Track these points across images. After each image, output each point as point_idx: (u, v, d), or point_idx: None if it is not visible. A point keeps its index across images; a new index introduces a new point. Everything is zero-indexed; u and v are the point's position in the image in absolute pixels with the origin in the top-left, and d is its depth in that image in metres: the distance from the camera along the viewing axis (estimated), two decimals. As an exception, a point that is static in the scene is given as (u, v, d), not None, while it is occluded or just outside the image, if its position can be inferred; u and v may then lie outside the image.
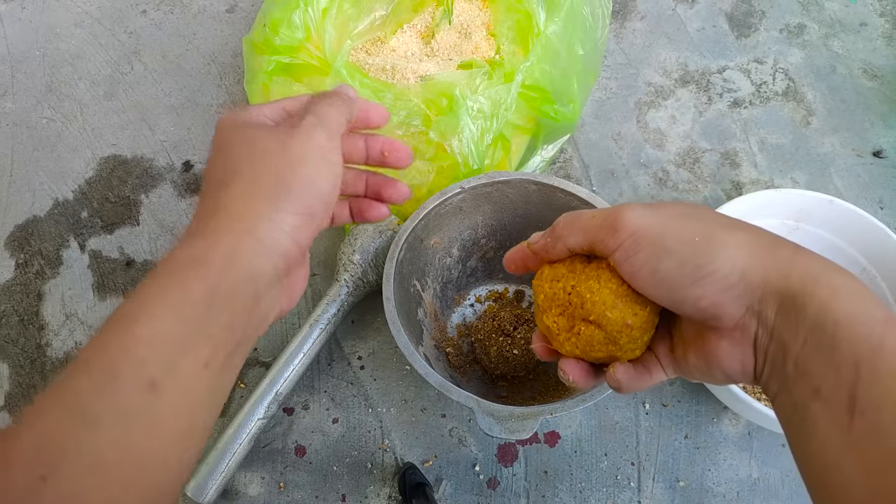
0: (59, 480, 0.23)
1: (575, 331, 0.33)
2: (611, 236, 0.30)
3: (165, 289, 0.28)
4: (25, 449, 0.24)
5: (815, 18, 0.84)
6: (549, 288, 0.34)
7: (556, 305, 0.34)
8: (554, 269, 0.34)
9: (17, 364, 0.63)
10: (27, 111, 0.77)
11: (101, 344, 0.26)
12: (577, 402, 0.46)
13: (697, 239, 0.28)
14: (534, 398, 0.57)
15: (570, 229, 0.32)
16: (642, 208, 0.30)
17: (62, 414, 0.25)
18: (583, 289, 0.32)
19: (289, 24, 0.61)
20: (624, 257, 0.30)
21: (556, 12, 0.63)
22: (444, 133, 0.59)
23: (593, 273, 0.32)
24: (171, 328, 0.27)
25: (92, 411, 0.25)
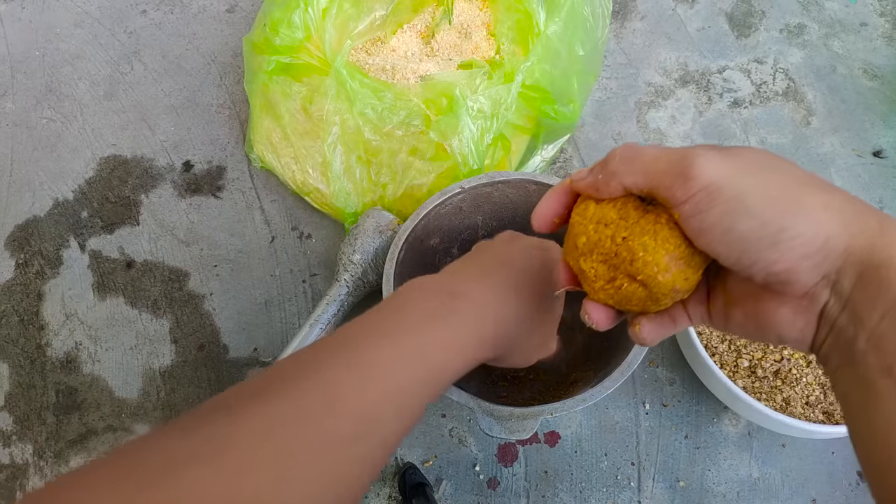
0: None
1: (616, 284, 0.30)
2: (680, 185, 0.26)
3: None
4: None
5: (815, 18, 0.84)
6: (593, 231, 0.30)
7: (598, 252, 0.30)
8: (602, 210, 0.30)
9: (17, 364, 0.63)
10: (27, 111, 0.77)
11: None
12: (577, 402, 0.46)
13: (781, 198, 0.25)
14: (534, 398, 0.57)
15: (629, 167, 0.28)
16: (718, 155, 0.27)
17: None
18: (636, 244, 0.29)
19: (289, 24, 0.61)
20: (694, 212, 0.26)
21: (557, 12, 0.63)
22: (444, 133, 0.59)
23: (650, 227, 0.29)
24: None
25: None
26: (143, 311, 0.65)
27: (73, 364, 0.63)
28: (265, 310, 0.65)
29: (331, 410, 0.27)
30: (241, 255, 0.68)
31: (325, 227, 0.70)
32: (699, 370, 0.56)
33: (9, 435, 0.60)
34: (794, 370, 0.55)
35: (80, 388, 0.62)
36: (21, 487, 0.58)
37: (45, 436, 0.60)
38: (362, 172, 0.63)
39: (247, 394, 0.28)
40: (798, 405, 0.54)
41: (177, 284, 0.67)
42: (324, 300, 0.59)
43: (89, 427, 0.60)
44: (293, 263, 0.68)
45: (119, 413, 0.61)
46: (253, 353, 0.63)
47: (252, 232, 0.69)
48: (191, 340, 0.64)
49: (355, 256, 0.59)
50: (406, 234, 0.54)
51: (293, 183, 0.68)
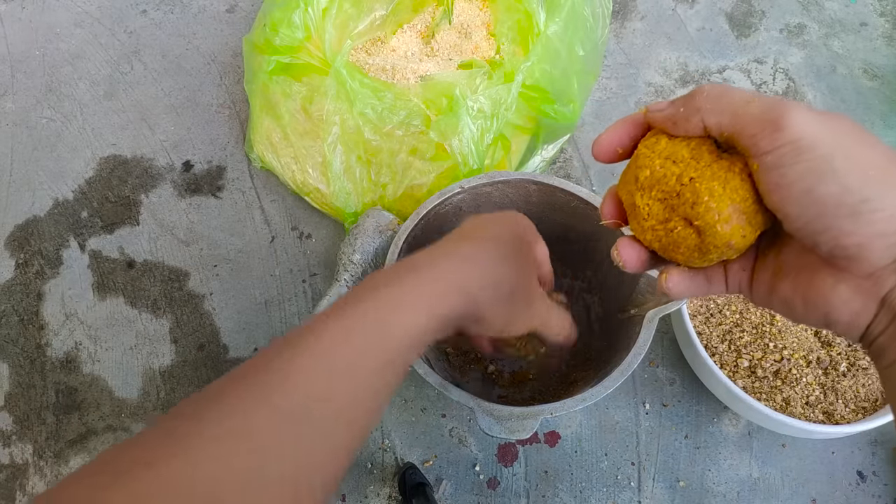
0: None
1: (669, 227, 0.29)
2: (768, 134, 0.24)
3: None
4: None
5: (815, 18, 0.84)
6: (659, 167, 0.28)
7: (659, 189, 0.28)
8: (674, 146, 0.28)
9: (17, 364, 0.63)
10: (27, 111, 0.77)
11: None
12: (576, 402, 0.46)
13: (869, 168, 0.24)
14: (534, 398, 0.57)
15: (717, 105, 0.26)
16: (812, 112, 0.25)
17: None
18: (702, 187, 0.27)
19: (289, 24, 0.61)
20: (776, 164, 0.24)
21: (557, 12, 0.63)
22: (444, 133, 0.59)
23: (721, 173, 0.27)
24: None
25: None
26: (143, 311, 0.65)
27: (73, 364, 0.63)
28: (265, 310, 0.65)
29: (280, 389, 0.27)
30: (241, 255, 0.68)
31: (325, 227, 0.70)
32: (699, 370, 0.56)
33: (9, 435, 0.60)
34: (794, 370, 0.55)
35: (80, 387, 0.62)
36: (21, 487, 0.58)
37: (45, 436, 0.60)
38: (362, 172, 0.63)
39: (213, 391, 0.28)
40: (798, 405, 0.54)
41: (177, 284, 0.67)
42: (324, 300, 0.59)
43: (89, 427, 0.60)
44: (293, 263, 0.68)
45: (119, 413, 0.61)
46: (253, 353, 0.63)
47: (252, 232, 0.69)
48: (191, 340, 0.64)
49: (355, 256, 0.59)
50: (406, 234, 0.54)
51: (293, 183, 0.68)
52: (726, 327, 0.57)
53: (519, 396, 0.58)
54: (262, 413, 0.26)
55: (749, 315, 0.58)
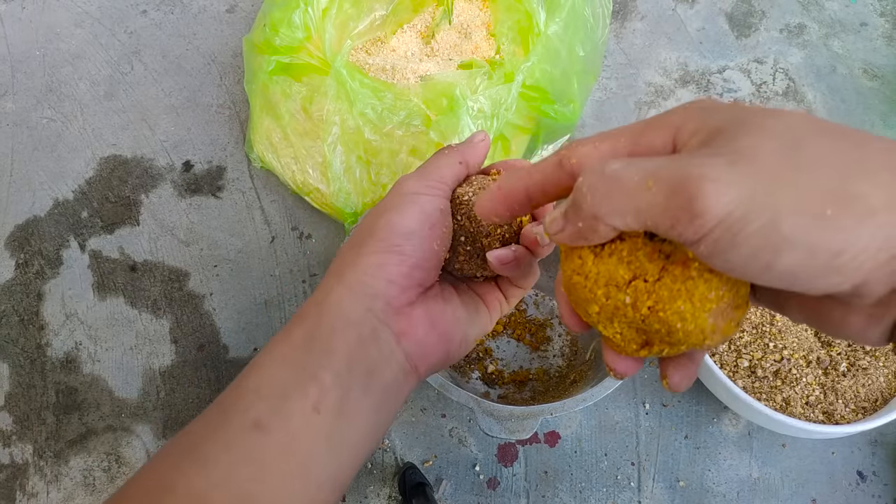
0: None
1: (654, 350, 0.25)
2: (687, 223, 0.20)
3: (274, 343, 0.30)
4: (143, 488, 0.26)
5: (815, 18, 0.84)
6: (604, 297, 0.24)
7: (620, 320, 0.24)
8: (605, 265, 0.24)
9: (17, 364, 0.63)
10: (27, 111, 0.77)
11: (219, 399, 0.28)
12: (576, 402, 0.46)
13: (830, 212, 0.19)
14: (534, 398, 0.57)
15: (610, 205, 0.21)
16: (727, 166, 0.19)
17: (178, 455, 0.27)
18: (669, 316, 0.23)
19: (289, 24, 0.61)
20: (713, 253, 0.20)
21: (557, 12, 0.63)
22: (444, 133, 0.59)
23: (678, 286, 0.22)
24: (275, 373, 0.28)
25: (200, 452, 0.26)
26: (143, 311, 0.65)
27: (73, 364, 0.63)
28: (265, 310, 0.65)
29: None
30: (241, 255, 0.68)
31: (325, 227, 0.70)
32: (699, 370, 0.56)
33: (9, 435, 0.60)
34: (794, 370, 0.55)
35: (80, 388, 0.62)
36: (21, 487, 0.58)
37: (45, 436, 0.60)
38: (362, 172, 0.63)
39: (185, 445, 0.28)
40: (798, 405, 0.54)
41: (177, 284, 0.67)
42: (324, 300, 0.59)
43: (89, 427, 0.60)
44: (293, 263, 0.68)
45: (119, 413, 0.61)
46: (253, 353, 0.63)
47: (252, 232, 0.69)
48: (191, 340, 0.64)
49: (355, 256, 0.59)
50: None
51: (293, 183, 0.68)
52: (726, 327, 0.57)
53: (519, 396, 0.58)
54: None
55: (749, 315, 0.58)
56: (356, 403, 0.29)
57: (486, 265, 0.33)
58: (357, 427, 0.29)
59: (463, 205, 0.33)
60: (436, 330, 0.31)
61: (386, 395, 0.30)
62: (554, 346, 0.61)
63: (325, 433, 0.27)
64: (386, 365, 0.30)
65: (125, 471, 0.58)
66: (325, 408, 0.27)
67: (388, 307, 0.30)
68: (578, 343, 0.60)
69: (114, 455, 0.59)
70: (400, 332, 0.30)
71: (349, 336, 0.29)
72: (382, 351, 0.30)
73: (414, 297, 0.31)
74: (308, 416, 0.27)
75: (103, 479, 0.58)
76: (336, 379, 0.28)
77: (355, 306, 0.29)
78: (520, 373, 0.59)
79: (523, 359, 0.60)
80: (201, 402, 0.61)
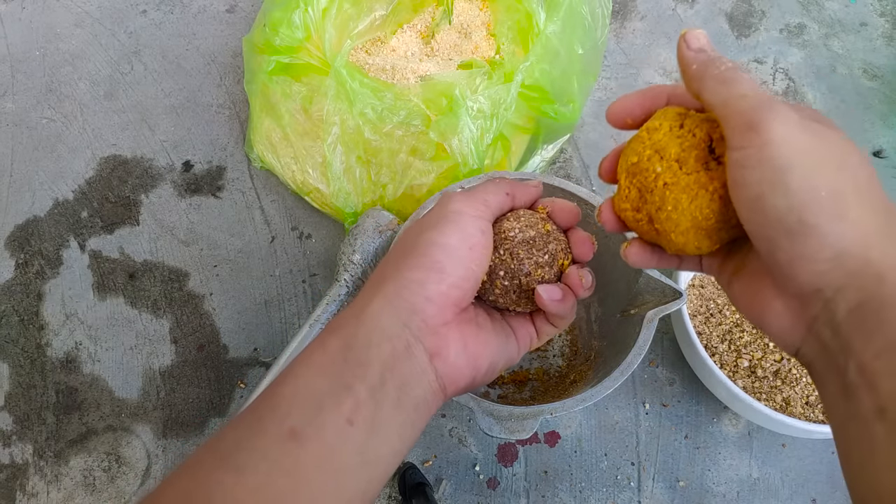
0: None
1: (638, 216, 0.30)
2: (743, 132, 0.25)
3: (309, 352, 0.30)
4: (178, 493, 0.26)
5: (815, 18, 0.84)
6: (647, 159, 0.29)
7: (639, 179, 0.30)
8: (670, 139, 0.29)
9: (17, 364, 0.63)
10: (27, 111, 0.77)
11: (253, 406, 0.28)
12: (576, 402, 0.46)
13: (822, 194, 0.24)
14: (533, 398, 0.57)
15: (718, 87, 0.26)
16: (796, 122, 0.24)
17: (213, 462, 0.27)
18: (670, 197, 0.28)
19: (289, 24, 0.61)
20: (740, 163, 0.25)
21: (556, 12, 0.63)
22: (444, 133, 0.59)
23: (695, 187, 0.28)
24: (310, 382, 0.28)
25: (237, 459, 0.26)
26: (143, 311, 0.65)
27: (73, 364, 0.63)
28: (265, 310, 0.65)
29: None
30: (240, 255, 0.68)
31: (325, 227, 0.70)
32: (699, 370, 0.56)
33: (9, 435, 0.60)
34: (794, 370, 0.55)
35: (80, 388, 0.62)
36: (21, 487, 0.58)
37: (45, 436, 0.60)
38: (362, 172, 0.63)
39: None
40: (798, 405, 0.54)
41: (177, 284, 0.67)
42: (324, 300, 0.59)
43: (89, 427, 0.60)
44: (293, 263, 0.68)
45: (119, 413, 0.61)
46: (253, 353, 0.63)
47: (252, 232, 0.69)
48: (191, 340, 0.64)
49: (355, 256, 0.59)
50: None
51: (293, 183, 0.68)
52: (726, 327, 0.57)
53: (519, 396, 0.58)
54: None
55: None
56: (388, 418, 0.28)
57: (520, 301, 0.34)
58: (388, 442, 0.29)
59: (508, 239, 0.34)
60: (466, 353, 0.31)
61: (416, 412, 0.30)
62: (554, 346, 0.61)
63: (358, 446, 0.27)
64: (417, 382, 0.30)
65: (125, 471, 0.58)
66: (359, 421, 0.27)
67: (424, 325, 0.30)
68: (578, 343, 0.60)
69: (114, 455, 0.59)
70: (433, 350, 0.30)
71: (384, 349, 0.29)
72: (415, 367, 0.30)
73: (450, 316, 0.31)
74: (342, 429, 0.27)
75: (103, 479, 0.58)
76: (370, 392, 0.28)
77: (393, 320, 0.30)
78: (519, 373, 0.59)
79: (523, 359, 0.60)
80: (201, 402, 0.61)
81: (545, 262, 0.34)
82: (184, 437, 0.60)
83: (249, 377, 0.62)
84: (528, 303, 0.34)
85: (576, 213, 0.36)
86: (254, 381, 0.62)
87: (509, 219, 0.35)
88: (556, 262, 0.34)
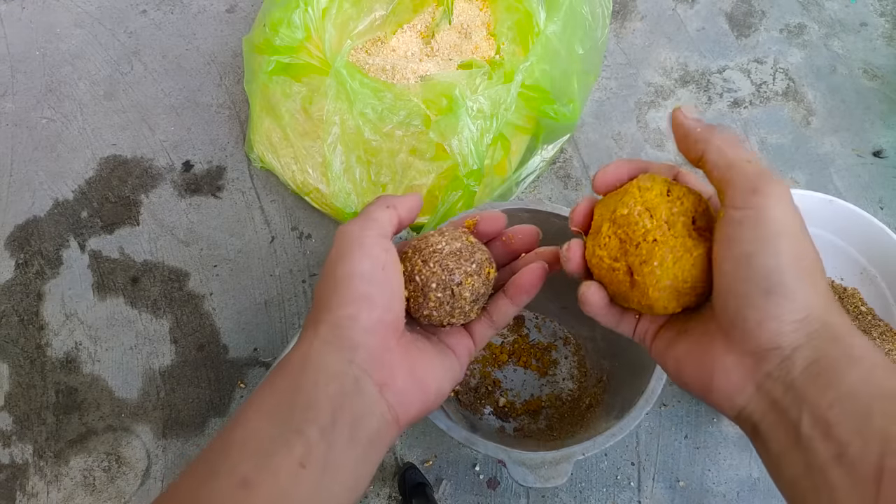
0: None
1: (614, 266, 0.31)
2: (746, 194, 0.27)
3: (258, 396, 0.30)
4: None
5: (815, 18, 0.84)
6: (637, 214, 0.30)
7: (624, 232, 0.31)
8: (660, 201, 0.30)
9: (17, 364, 0.63)
10: (27, 111, 0.77)
11: (206, 453, 0.28)
12: (607, 439, 0.45)
13: (805, 263, 0.27)
14: (550, 427, 0.56)
15: (724, 150, 0.29)
16: (788, 196, 0.27)
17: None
18: (657, 253, 0.30)
19: (289, 24, 0.61)
20: (738, 221, 0.27)
21: (556, 12, 0.63)
22: (443, 133, 0.59)
23: (681, 250, 0.29)
24: (261, 428, 0.28)
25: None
26: (143, 311, 0.65)
27: (73, 364, 0.63)
28: (265, 310, 0.65)
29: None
30: (240, 255, 0.68)
31: (325, 227, 0.70)
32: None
33: (9, 435, 0.60)
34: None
35: (80, 388, 0.62)
36: (21, 487, 0.58)
37: (45, 436, 0.60)
38: (362, 172, 0.63)
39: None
40: (798, 405, 0.54)
41: (177, 284, 0.67)
42: (324, 300, 0.59)
43: (89, 427, 0.60)
44: (293, 263, 0.68)
45: (119, 413, 0.61)
46: (253, 353, 0.63)
47: (252, 232, 0.69)
48: (191, 340, 0.64)
49: (355, 256, 0.59)
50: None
51: (293, 183, 0.68)
52: (726, 327, 0.57)
53: (535, 427, 0.57)
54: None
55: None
56: (341, 456, 0.29)
57: (454, 312, 0.35)
58: (342, 480, 0.29)
59: (437, 252, 0.35)
60: (413, 379, 0.32)
61: (371, 446, 0.30)
62: (561, 368, 0.60)
63: (312, 489, 0.27)
64: (370, 415, 0.30)
65: (125, 471, 0.58)
66: (312, 463, 0.27)
67: (369, 357, 0.30)
68: (586, 363, 0.60)
69: (114, 455, 0.59)
70: (381, 381, 0.30)
71: (332, 389, 0.29)
72: (366, 401, 0.30)
73: (391, 343, 0.31)
74: (295, 472, 0.27)
75: (103, 479, 0.58)
76: (321, 433, 0.28)
77: (336, 358, 0.30)
78: (531, 402, 0.58)
79: (533, 386, 0.59)
80: (201, 402, 0.61)
81: (473, 272, 0.35)
82: (184, 438, 0.60)
83: (249, 377, 0.62)
84: (461, 314, 0.35)
85: (501, 222, 0.38)
86: (254, 381, 0.62)
87: (434, 235, 0.36)
88: (483, 271, 0.35)
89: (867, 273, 0.60)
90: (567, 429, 0.55)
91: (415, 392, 0.32)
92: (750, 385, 0.28)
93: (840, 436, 0.25)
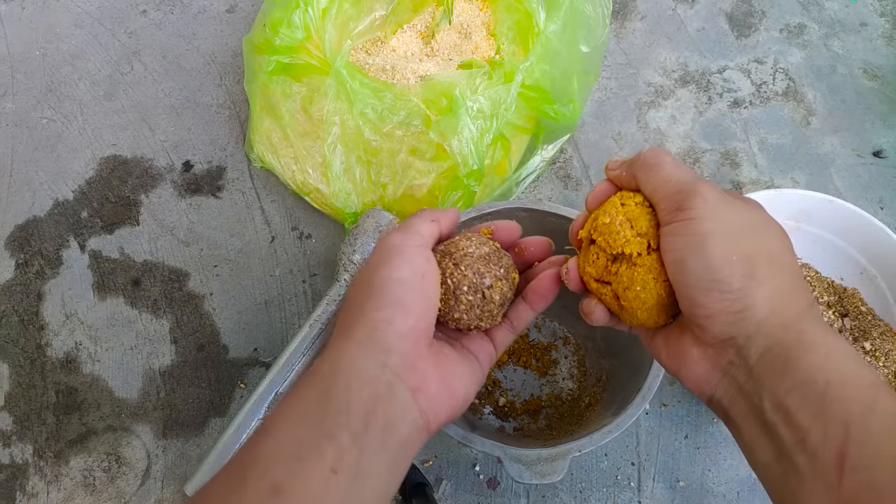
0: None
1: (602, 290, 0.33)
2: (672, 210, 0.30)
3: (287, 404, 0.30)
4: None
5: (815, 18, 0.84)
6: (619, 224, 0.32)
7: (608, 244, 0.32)
8: (641, 213, 0.32)
9: (17, 364, 0.63)
10: (27, 111, 0.77)
11: (234, 461, 0.28)
12: (603, 436, 0.45)
13: (734, 257, 0.29)
14: (550, 426, 0.56)
15: (646, 176, 0.32)
16: (720, 200, 0.30)
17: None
18: (638, 278, 0.31)
19: (289, 24, 0.61)
20: (670, 233, 0.30)
21: (556, 12, 0.63)
22: (443, 133, 0.59)
23: (658, 266, 0.31)
24: (291, 433, 0.28)
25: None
26: (143, 311, 0.65)
27: (73, 364, 0.63)
28: (265, 310, 0.65)
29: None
30: (241, 255, 0.68)
31: (325, 227, 0.70)
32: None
33: (9, 435, 0.60)
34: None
35: (80, 388, 0.62)
36: (21, 487, 0.58)
37: (45, 436, 0.60)
38: (362, 172, 0.63)
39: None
40: (798, 405, 0.54)
41: (177, 284, 0.67)
42: (324, 300, 0.59)
43: (89, 427, 0.60)
44: (293, 263, 0.68)
45: (119, 413, 0.61)
46: (253, 353, 0.63)
47: (252, 232, 0.69)
48: (191, 340, 0.64)
49: (355, 256, 0.59)
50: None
51: (293, 183, 0.68)
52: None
53: (535, 426, 0.57)
54: None
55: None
56: (373, 462, 0.28)
57: (483, 316, 0.36)
58: (373, 486, 0.28)
59: (467, 256, 0.35)
60: (444, 384, 0.32)
61: (402, 451, 0.30)
62: (561, 368, 0.60)
63: (343, 494, 0.27)
64: (402, 421, 0.30)
65: (125, 471, 0.58)
66: (343, 468, 0.27)
67: (402, 361, 0.30)
68: (586, 363, 0.60)
69: (114, 455, 0.59)
70: (415, 386, 0.31)
71: (365, 393, 0.29)
72: (399, 406, 0.30)
73: (424, 349, 0.32)
74: (326, 478, 0.27)
75: (103, 479, 0.58)
76: (353, 438, 0.28)
77: (370, 363, 0.30)
78: (531, 402, 0.58)
79: (532, 386, 0.59)
80: (201, 402, 0.61)
81: (502, 276, 0.36)
82: (184, 438, 0.60)
83: (249, 377, 0.62)
84: (490, 317, 0.36)
85: (516, 231, 0.39)
86: (254, 381, 0.62)
87: (462, 239, 0.36)
88: (509, 275, 0.36)
89: (867, 273, 0.60)
90: (567, 428, 0.55)
91: (445, 398, 0.32)
92: (716, 372, 0.30)
93: (801, 422, 0.26)
